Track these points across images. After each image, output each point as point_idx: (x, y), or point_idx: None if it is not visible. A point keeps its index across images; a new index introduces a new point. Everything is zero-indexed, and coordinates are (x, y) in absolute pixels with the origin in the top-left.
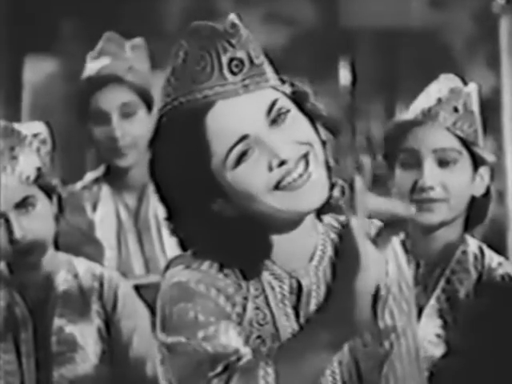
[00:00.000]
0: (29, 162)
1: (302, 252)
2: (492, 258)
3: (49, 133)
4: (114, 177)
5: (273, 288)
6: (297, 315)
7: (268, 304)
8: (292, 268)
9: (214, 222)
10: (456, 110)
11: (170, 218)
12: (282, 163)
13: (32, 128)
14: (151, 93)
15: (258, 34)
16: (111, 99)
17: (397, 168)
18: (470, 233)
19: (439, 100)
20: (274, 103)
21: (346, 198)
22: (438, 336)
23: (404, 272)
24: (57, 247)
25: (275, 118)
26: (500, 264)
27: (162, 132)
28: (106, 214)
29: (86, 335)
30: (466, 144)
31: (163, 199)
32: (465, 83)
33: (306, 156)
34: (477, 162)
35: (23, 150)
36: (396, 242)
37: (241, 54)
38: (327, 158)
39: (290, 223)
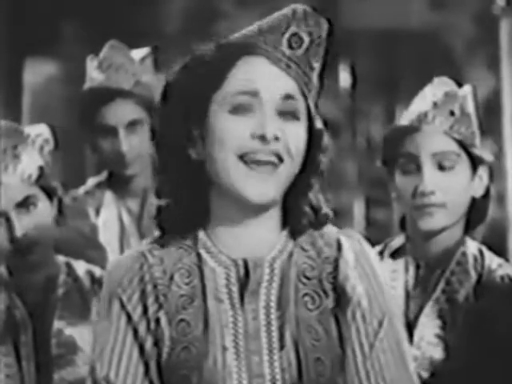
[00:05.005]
0: (31, 160)
1: (257, 243)
2: (492, 260)
3: (51, 133)
4: (117, 182)
5: (216, 275)
6: (242, 299)
7: (204, 290)
8: (242, 256)
9: (182, 154)
10: (452, 113)
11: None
12: (262, 137)
13: (34, 129)
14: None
15: None
16: (118, 114)
17: (396, 173)
18: (471, 233)
19: (435, 104)
20: (291, 96)
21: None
22: (438, 336)
23: (377, 284)
24: (56, 250)
25: (285, 111)
26: (500, 265)
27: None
28: (108, 219)
29: (86, 337)
30: (464, 146)
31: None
32: (459, 85)
33: (281, 160)
34: (475, 162)
35: (25, 148)
36: (370, 254)
37: (304, 37)
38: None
39: (236, 209)
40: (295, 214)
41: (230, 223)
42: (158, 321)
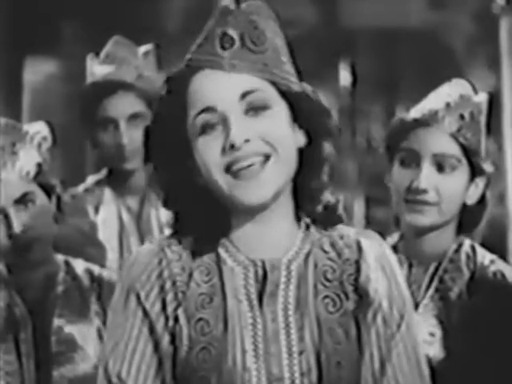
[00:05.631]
0: (29, 157)
1: (272, 244)
2: (484, 256)
3: (49, 131)
4: (117, 180)
5: (234, 274)
6: (260, 300)
7: (223, 289)
8: (259, 258)
9: (185, 180)
10: (462, 117)
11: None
12: (232, 147)
13: (33, 127)
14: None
15: None
16: (120, 107)
17: (395, 164)
18: (468, 235)
19: (448, 105)
20: (248, 92)
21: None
22: (432, 335)
23: (397, 287)
24: (55, 248)
25: (251, 107)
26: (492, 261)
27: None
28: (108, 217)
29: (86, 335)
30: (467, 152)
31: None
32: (475, 91)
33: (267, 156)
34: (475, 171)
35: (24, 145)
36: (389, 255)
37: (232, 33)
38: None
39: (246, 210)
40: (310, 197)
41: (247, 226)
42: (176, 318)
